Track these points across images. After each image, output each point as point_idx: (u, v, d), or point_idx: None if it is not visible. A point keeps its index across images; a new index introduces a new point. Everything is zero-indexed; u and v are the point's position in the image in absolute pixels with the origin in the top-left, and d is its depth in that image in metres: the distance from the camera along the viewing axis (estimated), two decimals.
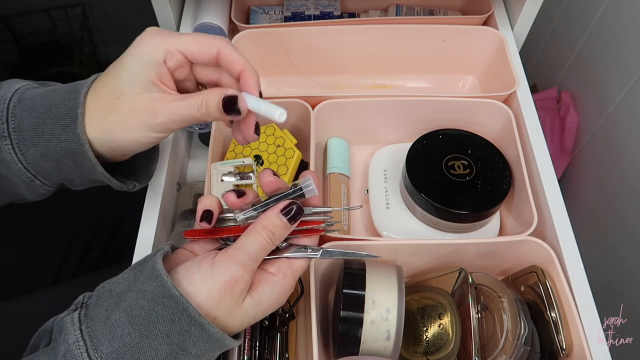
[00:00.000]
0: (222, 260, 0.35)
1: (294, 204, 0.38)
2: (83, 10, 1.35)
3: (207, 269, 0.35)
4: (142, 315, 0.33)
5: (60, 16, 1.33)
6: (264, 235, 0.36)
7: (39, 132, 0.40)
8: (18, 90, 0.42)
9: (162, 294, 0.33)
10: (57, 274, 0.63)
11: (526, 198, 0.53)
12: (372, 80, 0.71)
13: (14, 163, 0.41)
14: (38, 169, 0.42)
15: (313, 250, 0.39)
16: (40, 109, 0.41)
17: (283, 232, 0.37)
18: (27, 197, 0.45)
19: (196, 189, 0.61)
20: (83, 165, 0.42)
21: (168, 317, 0.33)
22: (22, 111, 0.41)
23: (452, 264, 0.52)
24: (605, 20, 0.86)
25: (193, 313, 0.33)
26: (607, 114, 0.86)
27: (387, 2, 0.75)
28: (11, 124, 0.40)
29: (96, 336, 0.33)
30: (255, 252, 0.36)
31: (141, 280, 0.34)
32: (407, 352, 0.48)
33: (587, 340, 0.44)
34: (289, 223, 0.37)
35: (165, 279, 0.33)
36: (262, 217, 0.37)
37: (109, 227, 0.67)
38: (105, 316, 0.34)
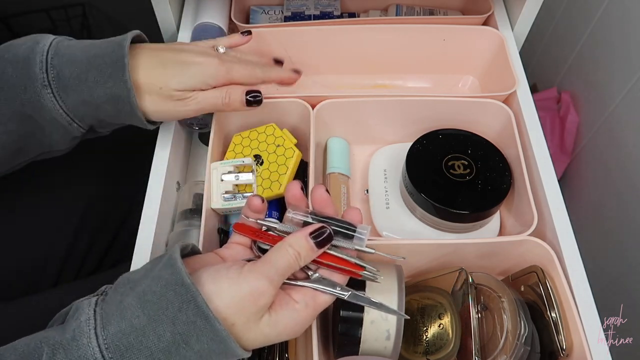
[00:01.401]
0: (251, 269, 0.35)
1: (326, 230, 0.38)
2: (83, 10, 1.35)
3: (235, 275, 0.35)
4: (153, 300, 0.33)
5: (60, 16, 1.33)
6: (290, 253, 0.36)
7: (82, 81, 0.45)
8: (53, 41, 0.46)
9: (174, 281, 0.33)
10: (59, 276, 0.63)
11: (526, 198, 0.53)
12: (372, 80, 0.71)
13: (55, 109, 0.45)
14: (76, 112, 0.46)
15: (342, 289, 0.39)
16: (83, 60, 0.45)
17: (309, 255, 0.37)
18: (57, 146, 0.50)
19: (196, 189, 0.61)
20: (122, 110, 0.47)
21: (177, 303, 0.33)
22: (62, 61, 0.45)
23: (452, 264, 0.51)
24: (606, 20, 0.86)
25: (201, 303, 0.33)
26: (607, 114, 0.86)
27: (387, 2, 0.75)
28: (50, 73, 0.45)
29: (107, 316, 0.33)
30: (282, 269, 0.36)
31: (158, 268, 0.35)
32: (407, 352, 0.48)
33: (587, 340, 0.44)
34: (316, 247, 0.37)
35: (180, 267, 0.34)
36: (291, 236, 0.37)
37: (110, 229, 0.67)
38: (119, 300, 0.34)
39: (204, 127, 0.61)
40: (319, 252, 0.38)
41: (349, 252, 0.40)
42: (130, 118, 0.48)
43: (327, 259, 0.39)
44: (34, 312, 0.58)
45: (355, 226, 0.40)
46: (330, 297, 0.38)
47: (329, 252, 0.39)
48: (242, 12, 0.74)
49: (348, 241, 0.40)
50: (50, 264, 0.62)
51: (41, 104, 0.45)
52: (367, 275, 0.39)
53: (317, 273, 0.39)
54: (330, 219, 0.40)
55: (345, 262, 0.39)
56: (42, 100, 0.45)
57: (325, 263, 0.39)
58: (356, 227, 0.40)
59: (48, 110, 0.45)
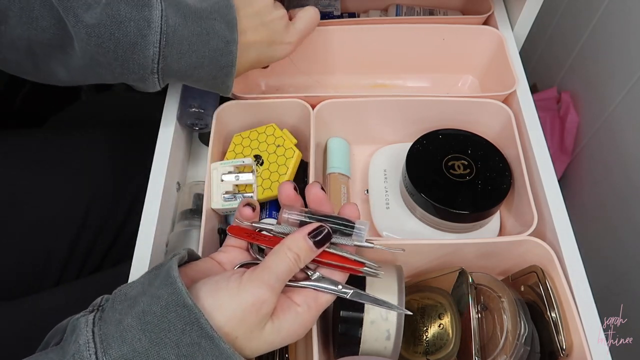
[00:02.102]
0: (250, 279, 0.35)
1: (324, 228, 0.37)
2: None
3: (235, 286, 0.34)
4: (154, 322, 0.32)
5: None
6: (289, 256, 0.36)
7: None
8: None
9: (175, 302, 0.32)
10: (60, 275, 0.63)
11: (526, 198, 0.53)
12: (372, 79, 0.71)
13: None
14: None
15: (344, 288, 0.38)
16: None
17: (308, 256, 0.37)
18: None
19: (196, 189, 0.61)
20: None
21: (179, 326, 0.32)
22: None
23: (452, 264, 0.52)
24: (606, 20, 0.86)
25: (205, 324, 0.32)
26: (607, 114, 0.86)
27: (387, 2, 0.75)
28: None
29: (107, 339, 0.32)
30: (282, 274, 0.35)
31: (156, 285, 0.34)
32: (407, 352, 0.48)
33: (587, 340, 0.44)
34: (315, 247, 0.37)
35: (180, 287, 0.33)
36: (288, 238, 0.37)
37: (111, 228, 0.67)
38: (118, 319, 0.33)
39: (204, 127, 0.61)
40: (318, 251, 0.37)
41: (348, 249, 0.39)
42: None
43: (327, 258, 0.38)
44: (35, 312, 0.58)
45: (353, 222, 0.39)
46: (331, 297, 0.38)
47: (327, 251, 0.39)
48: None
49: (347, 238, 0.39)
50: (52, 263, 0.62)
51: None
52: (368, 271, 0.39)
53: (317, 272, 0.39)
54: (327, 216, 0.39)
55: (345, 260, 0.39)
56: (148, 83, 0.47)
57: (325, 262, 0.39)
58: (354, 223, 0.39)
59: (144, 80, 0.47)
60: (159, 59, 0.45)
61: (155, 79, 0.47)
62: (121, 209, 0.68)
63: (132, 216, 0.67)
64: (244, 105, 0.60)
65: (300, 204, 0.41)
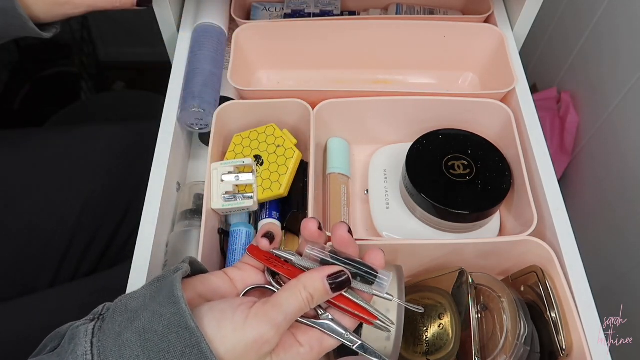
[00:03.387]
0: (257, 314, 0.34)
1: (344, 275, 0.36)
2: None
3: (241, 320, 0.33)
4: (154, 340, 0.32)
5: None
6: (302, 295, 0.35)
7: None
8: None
9: (177, 323, 0.32)
10: (55, 276, 0.63)
11: (526, 198, 0.53)
12: (373, 75, 0.72)
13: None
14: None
15: (351, 336, 0.37)
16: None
17: (322, 298, 0.36)
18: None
19: (196, 189, 0.61)
20: (13, 24, 0.46)
21: (179, 348, 0.31)
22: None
23: (452, 264, 0.51)
24: (605, 20, 0.86)
25: (205, 349, 0.31)
26: (607, 114, 0.86)
27: (388, 1, 0.75)
28: None
29: (105, 352, 0.32)
30: (291, 313, 0.34)
31: (158, 301, 0.33)
32: (407, 352, 0.48)
33: (587, 340, 0.44)
34: (332, 291, 0.36)
35: (184, 308, 0.32)
36: (306, 276, 0.36)
37: (108, 229, 0.67)
38: (118, 332, 0.32)
39: (204, 127, 0.61)
40: (334, 295, 0.36)
41: (364, 296, 0.38)
42: (23, 30, 0.48)
43: (341, 301, 0.37)
44: (31, 312, 0.58)
45: (376, 271, 0.38)
46: (336, 342, 0.37)
47: (344, 295, 0.37)
48: (242, 8, 0.75)
49: (367, 286, 0.38)
50: (48, 263, 0.62)
51: None
52: (380, 325, 0.37)
53: (327, 313, 0.37)
54: (350, 260, 0.38)
55: (360, 309, 0.37)
56: None
57: (339, 305, 0.37)
58: (377, 273, 0.38)
59: None
60: None
61: None
62: (118, 210, 0.68)
63: (129, 217, 0.67)
64: (244, 105, 0.60)
65: (323, 240, 0.39)
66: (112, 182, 0.67)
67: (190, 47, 0.65)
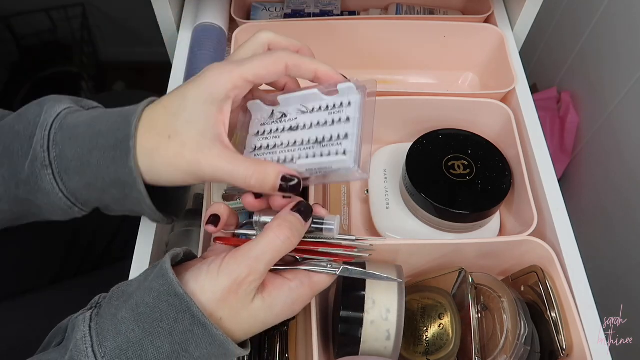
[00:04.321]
0: (229, 261, 0.35)
1: (302, 203, 0.37)
2: (83, 10, 1.35)
3: (214, 269, 0.35)
4: (146, 313, 0.33)
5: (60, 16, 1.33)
6: (278, 234, 0.35)
7: (85, 162, 0.38)
8: (59, 115, 0.40)
9: (167, 292, 0.33)
10: (57, 274, 0.63)
11: (526, 198, 0.53)
12: (373, 75, 0.71)
13: (54, 192, 0.39)
14: (78, 196, 0.40)
15: (332, 266, 0.38)
16: (86, 137, 0.38)
17: (300, 230, 0.36)
18: (52, 219, 0.44)
19: (196, 189, 0.61)
20: (130, 196, 0.40)
21: (172, 315, 0.33)
22: (65, 139, 0.39)
23: (452, 264, 0.51)
24: (605, 20, 0.86)
25: (197, 312, 0.33)
26: (607, 114, 0.86)
27: (388, 1, 0.76)
28: (52, 152, 0.38)
29: (103, 332, 0.33)
30: (262, 253, 0.35)
31: (150, 279, 0.35)
32: (407, 352, 0.48)
33: (587, 340, 0.44)
34: (304, 220, 0.37)
35: (172, 277, 0.33)
36: (276, 216, 0.37)
37: (110, 227, 0.67)
38: (114, 313, 0.34)
39: None
40: (307, 225, 0.37)
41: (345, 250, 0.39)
42: (139, 205, 0.41)
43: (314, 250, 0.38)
44: (34, 311, 0.58)
45: (321, 218, 0.39)
46: (326, 277, 0.38)
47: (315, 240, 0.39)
48: (242, 8, 0.75)
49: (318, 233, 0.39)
50: (50, 263, 0.62)
51: (39, 186, 0.39)
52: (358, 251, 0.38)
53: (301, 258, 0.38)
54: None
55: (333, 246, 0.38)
56: (40, 183, 0.39)
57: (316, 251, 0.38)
58: (323, 219, 0.39)
59: (46, 194, 0.39)
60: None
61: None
62: None
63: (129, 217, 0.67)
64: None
65: (267, 206, 0.40)
66: None
67: (190, 47, 0.65)
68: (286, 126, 0.41)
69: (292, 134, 0.40)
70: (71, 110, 0.41)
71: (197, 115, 0.37)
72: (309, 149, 0.39)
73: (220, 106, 0.38)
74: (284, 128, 0.41)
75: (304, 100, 0.41)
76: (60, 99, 0.42)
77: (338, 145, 0.38)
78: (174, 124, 0.37)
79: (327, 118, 0.40)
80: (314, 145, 0.39)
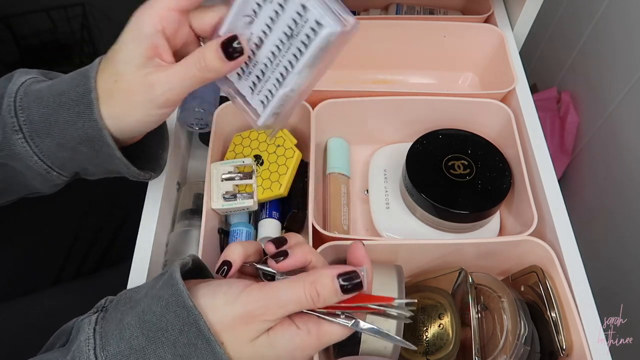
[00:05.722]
0: (252, 291, 0.33)
1: (357, 276, 0.34)
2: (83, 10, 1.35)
3: (235, 293, 0.33)
4: (152, 321, 0.32)
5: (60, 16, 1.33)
6: (306, 290, 0.33)
7: (52, 122, 0.40)
8: (24, 83, 0.41)
9: (175, 303, 0.32)
10: (59, 275, 0.63)
11: (526, 198, 0.53)
12: (373, 75, 0.72)
13: (28, 156, 0.40)
14: (54, 159, 0.41)
15: (345, 317, 0.35)
16: (49, 98, 0.40)
17: (330, 298, 0.34)
18: (41, 190, 0.45)
19: (196, 189, 0.61)
20: (101, 152, 0.41)
21: (177, 326, 0.32)
22: (30, 103, 0.40)
23: (452, 264, 0.51)
24: (606, 20, 0.86)
25: (203, 327, 0.32)
26: (607, 114, 0.86)
27: (388, 1, 0.76)
28: (20, 117, 0.40)
29: (106, 336, 0.33)
30: (286, 302, 0.33)
31: (158, 287, 0.34)
32: (407, 352, 0.48)
33: (587, 340, 0.44)
34: (341, 292, 0.33)
35: (181, 288, 0.33)
36: (315, 272, 0.34)
37: (110, 228, 0.67)
38: (119, 318, 0.33)
39: (204, 127, 0.61)
40: (343, 298, 0.34)
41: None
42: (112, 161, 0.42)
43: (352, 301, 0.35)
44: (34, 311, 0.58)
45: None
46: (337, 329, 0.35)
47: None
48: None
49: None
50: (51, 263, 0.62)
51: (13, 152, 0.40)
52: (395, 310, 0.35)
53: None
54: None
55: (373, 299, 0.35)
56: (13, 148, 0.40)
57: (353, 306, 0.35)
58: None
59: (21, 159, 0.40)
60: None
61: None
62: (120, 209, 0.68)
63: (130, 216, 0.67)
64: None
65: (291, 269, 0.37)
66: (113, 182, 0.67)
67: None
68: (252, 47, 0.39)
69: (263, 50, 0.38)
70: (36, 79, 0.43)
71: (131, 53, 0.39)
72: (289, 49, 0.36)
73: (150, 41, 0.39)
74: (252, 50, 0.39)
75: (240, 11, 0.39)
76: (28, 71, 0.44)
77: (307, 23, 0.35)
78: (116, 68, 0.39)
79: (275, 8, 0.37)
80: (289, 42, 0.37)
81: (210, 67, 0.38)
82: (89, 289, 0.61)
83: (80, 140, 0.40)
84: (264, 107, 0.41)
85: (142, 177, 0.46)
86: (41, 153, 0.41)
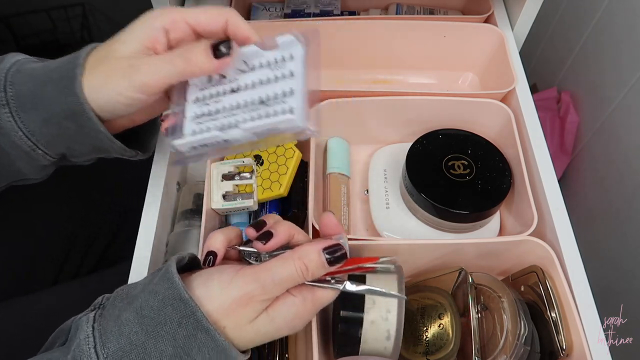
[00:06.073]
0: (245, 274, 0.34)
1: (341, 248, 0.36)
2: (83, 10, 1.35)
3: (227, 278, 0.34)
4: (150, 316, 0.33)
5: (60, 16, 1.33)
6: (296, 266, 0.35)
7: (38, 96, 0.40)
8: (18, 61, 0.42)
9: (172, 296, 0.33)
10: (57, 275, 0.63)
11: (526, 198, 0.53)
12: (373, 75, 0.72)
13: (13, 131, 0.40)
14: (39, 136, 0.41)
15: (337, 281, 0.37)
16: (40, 75, 0.41)
17: (318, 271, 0.36)
18: (28, 175, 0.45)
19: (196, 189, 0.61)
20: (85, 127, 0.41)
21: (176, 319, 0.33)
22: (21, 79, 0.41)
23: (452, 264, 0.51)
24: (605, 20, 0.86)
25: (201, 318, 0.33)
26: (607, 114, 0.86)
27: (388, 1, 0.76)
28: (9, 91, 0.40)
29: (106, 333, 0.33)
30: (280, 280, 0.35)
31: (154, 282, 0.34)
32: (407, 352, 0.48)
33: (587, 340, 0.44)
34: (328, 265, 0.36)
35: (177, 282, 0.33)
36: (301, 248, 0.36)
37: (109, 228, 0.67)
38: (117, 315, 0.34)
39: None
40: (330, 269, 0.36)
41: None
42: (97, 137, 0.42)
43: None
44: (33, 311, 0.58)
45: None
46: (329, 292, 0.37)
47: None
48: (243, 8, 0.75)
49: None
50: (49, 263, 0.62)
51: (1, 124, 0.40)
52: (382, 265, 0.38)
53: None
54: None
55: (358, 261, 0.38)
56: (1, 121, 0.40)
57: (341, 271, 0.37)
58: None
59: (6, 134, 0.40)
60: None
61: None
62: (119, 210, 0.68)
63: (129, 216, 0.67)
64: None
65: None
66: (111, 182, 0.67)
67: None
68: (227, 89, 0.39)
69: (234, 97, 0.39)
70: (32, 59, 0.44)
71: (131, 37, 0.40)
72: (254, 110, 0.37)
73: (154, 33, 0.39)
74: (225, 91, 0.39)
75: (242, 58, 0.39)
76: (22, 54, 0.44)
77: (283, 103, 0.36)
78: (112, 47, 0.40)
79: (270, 75, 0.38)
80: (258, 106, 0.37)
81: (194, 61, 0.38)
82: (88, 288, 0.61)
83: (65, 116, 0.40)
84: (192, 135, 0.39)
85: (127, 153, 0.46)
86: (26, 129, 0.41)
